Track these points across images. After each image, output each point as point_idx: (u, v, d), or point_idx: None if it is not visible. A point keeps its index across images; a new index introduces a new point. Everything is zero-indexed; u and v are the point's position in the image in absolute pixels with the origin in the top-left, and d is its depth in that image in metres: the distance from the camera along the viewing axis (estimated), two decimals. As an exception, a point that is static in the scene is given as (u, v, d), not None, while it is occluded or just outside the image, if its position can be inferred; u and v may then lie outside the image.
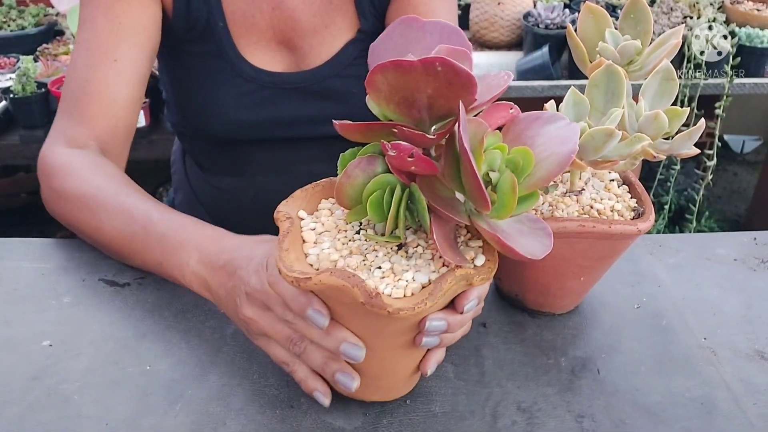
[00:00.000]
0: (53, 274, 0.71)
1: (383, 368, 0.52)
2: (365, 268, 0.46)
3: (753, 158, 2.79)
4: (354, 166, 0.46)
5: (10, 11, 2.01)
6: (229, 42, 0.81)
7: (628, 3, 0.60)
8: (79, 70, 0.74)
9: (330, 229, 0.50)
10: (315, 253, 0.47)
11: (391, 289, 0.44)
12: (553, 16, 1.83)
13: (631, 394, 0.57)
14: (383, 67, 0.40)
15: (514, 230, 0.45)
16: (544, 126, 0.44)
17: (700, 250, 0.76)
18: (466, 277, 0.45)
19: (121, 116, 0.75)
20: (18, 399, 0.55)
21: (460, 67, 0.40)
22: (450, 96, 0.41)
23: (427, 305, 0.43)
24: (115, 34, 0.73)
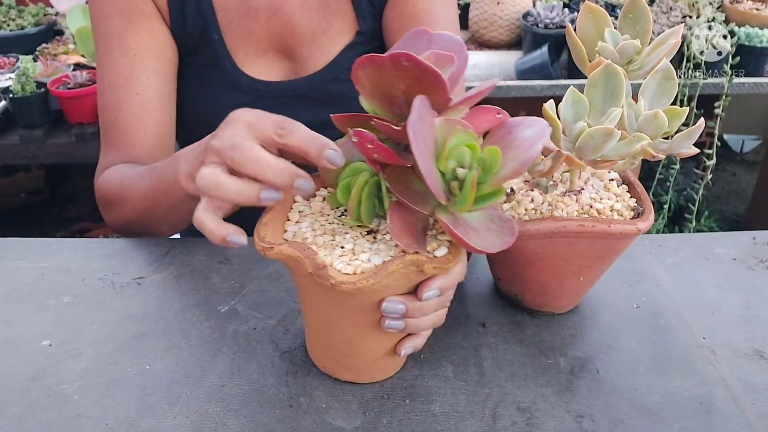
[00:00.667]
0: (53, 273, 0.71)
1: (351, 347, 0.54)
2: (330, 246, 0.49)
3: (752, 158, 2.79)
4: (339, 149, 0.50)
5: (10, 11, 2.01)
6: (225, 54, 0.81)
7: (627, 2, 0.60)
8: (108, 107, 0.80)
9: (315, 212, 0.53)
10: (292, 231, 0.51)
11: (344, 265, 0.47)
12: (553, 16, 1.83)
13: (630, 394, 0.57)
14: (361, 62, 0.44)
15: (480, 226, 0.47)
16: (523, 131, 0.45)
17: (699, 250, 0.76)
18: (416, 263, 0.47)
19: (155, 140, 0.80)
20: (18, 399, 0.55)
21: (425, 64, 0.42)
22: (421, 92, 0.43)
23: (369, 282, 0.45)
24: (132, 66, 0.78)
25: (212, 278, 0.69)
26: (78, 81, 1.59)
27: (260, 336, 0.62)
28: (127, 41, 0.77)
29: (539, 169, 0.56)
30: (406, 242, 0.46)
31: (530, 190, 0.61)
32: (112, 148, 0.80)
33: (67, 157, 1.62)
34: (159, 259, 0.73)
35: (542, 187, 0.61)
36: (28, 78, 1.57)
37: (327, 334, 0.55)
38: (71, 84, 1.59)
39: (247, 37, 0.81)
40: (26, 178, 2.35)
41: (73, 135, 1.60)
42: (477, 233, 0.46)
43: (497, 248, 0.45)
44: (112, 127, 0.79)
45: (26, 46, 1.85)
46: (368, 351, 0.55)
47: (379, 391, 0.56)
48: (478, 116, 0.47)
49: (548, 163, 0.56)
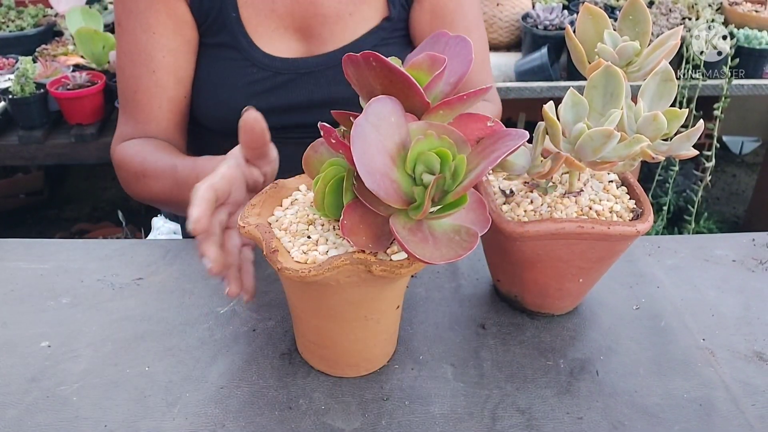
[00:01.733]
0: (52, 274, 0.71)
1: (318, 336, 0.56)
2: (300, 235, 0.51)
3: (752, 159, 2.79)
4: (320, 143, 0.52)
5: (9, 12, 2.01)
6: (242, 31, 0.82)
7: (626, 4, 0.60)
8: (127, 82, 0.82)
9: (306, 201, 0.55)
10: (278, 215, 0.54)
11: (300, 254, 0.49)
12: (552, 17, 1.83)
13: (630, 396, 0.57)
14: (345, 60, 0.47)
15: (442, 236, 0.46)
16: (507, 143, 0.45)
17: (699, 252, 0.76)
18: (363, 262, 0.48)
19: (170, 116, 0.83)
20: (16, 401, 0.55)
21: (392, 65, 0.43)
22: (399, 94, 0.44)
23: (311, 273, 0.47)
24: (151, 44, 0.80)
25: (211, 279, 0.69)
26: (77, 82, 1.59)
27: (259, 337, 0.62)
28: (149, 19, 0.79)
29: (539, 171, 0.56)
30: (359, 241, 0.47)
31: (530, 191, 0.61)
32: (130, 120, 0.83)
33: (67, 158, 1.62)
34: (158, 260, 0.73)
35: (542, 189, 0.61)
36: (28, 79, 1.57)
37: (298, 320, 0.58)
38: (70, 85, 1.59)
39: (268, 13, 0.82)
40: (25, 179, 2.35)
41: (73, 136, 1.59)
42: (434, 242, 0.46)
43: (443, 260, 0.45)
44: (130, 101, 0.82)
45: (26, 47, 1.85)
46: (333, 342, 0.56)
47: (378, 393, 0.56)
48: (468, 124, 0.47)
49: (548, 165, 0.56)
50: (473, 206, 0.48)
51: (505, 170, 0.58)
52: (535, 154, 0.56)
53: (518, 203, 0.60)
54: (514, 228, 0.56)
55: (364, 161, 0.42)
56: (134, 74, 0.81)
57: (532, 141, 0.58)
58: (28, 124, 1.60)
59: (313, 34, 0.84)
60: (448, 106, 0.47)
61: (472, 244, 0.46)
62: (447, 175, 0.44)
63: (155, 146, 0.79)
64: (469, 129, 0.47)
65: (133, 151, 0.79)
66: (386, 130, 0.44)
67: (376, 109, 0.44)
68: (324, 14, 0.82)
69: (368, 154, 0.42)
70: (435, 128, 0.45)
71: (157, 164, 0.75)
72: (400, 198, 0.44)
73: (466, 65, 0.48)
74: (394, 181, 0.44)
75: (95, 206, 2.42)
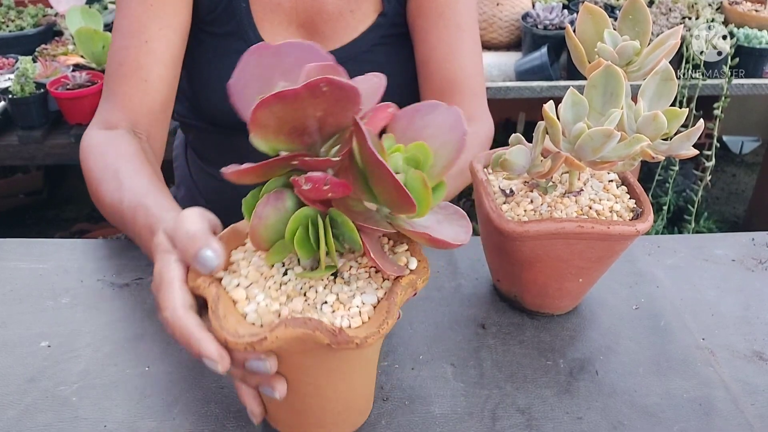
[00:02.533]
0: (51, 274, 0.70)
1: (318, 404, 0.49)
2: (311, 308, 0.44)
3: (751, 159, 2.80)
4: (264, 205, 0.43)
5: (9, 12, 2.01)
6: (250, 23, 0.81)
7: (626, 4, 0.60)
8: (114, 55, 0.77)
9: (256, 279, 0.46)
10: (252, 310, 0.43)
11: (348, 319, 0.43)
12: (552, 17, 1.83)
13: (630, 395, 0.57)
14: (266, 102, 0.38)
15: (435, 222, 0.45)
16: (425, 117, 0.43)
17: (699, 251, 0.76)
18: (411, 284, 0.45)
19: (155, 96, 0.77)
20: (15, 401, 0.55)
21: (345, 83, 0.39)
22: (338, 113, 0.40)
23: (389, 323, 0.42)
24: (146, 15, 0.76)
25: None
26: (77, 82, 1.59)
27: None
28: None
29: (539, 171, 0.56)
30: (390, 267, 0.44)
31: (529, 191, 0.61)
32: (109, 100, 0.77)
33: (66, 158, 1.62)
34: (158, 260, 0.73)
35: (541, 188, 0.60)
36: (28, 79, 1.57)
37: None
38: (70, 85, 1.59)
39: (275, 8, 0.82)
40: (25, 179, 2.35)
41: (72, 136, 1.59)
42: (442, 229, 0.45)
43: (467, 238, 0.44)
44: (113, 75, 0.76)
45: (25, 46, 1.85)
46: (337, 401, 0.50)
47: (378, 393, 0.56)
48: (374, 117, 0.44)
49: (548, 164, 0.56)
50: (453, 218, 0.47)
51: (505, 170, 0.58)
52: (535, 154, 0.56)
53: (518, 203, 0.60)
54: (514, 228, 0.56)
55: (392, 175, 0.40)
56: (123, 45, 0.76)
57: (531, 140, 0.58)
58: (28, 124, 1.60)
59: (316, 31, 0.84)
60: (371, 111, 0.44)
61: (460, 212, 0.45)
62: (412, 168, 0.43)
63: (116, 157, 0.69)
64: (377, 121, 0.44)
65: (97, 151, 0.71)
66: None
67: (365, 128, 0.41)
68: (327, 11, 0.82)
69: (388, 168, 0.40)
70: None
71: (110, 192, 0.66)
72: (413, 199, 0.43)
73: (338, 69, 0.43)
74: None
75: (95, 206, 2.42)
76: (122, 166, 0.68)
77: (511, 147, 0.58)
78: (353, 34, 0.84)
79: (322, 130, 0.42)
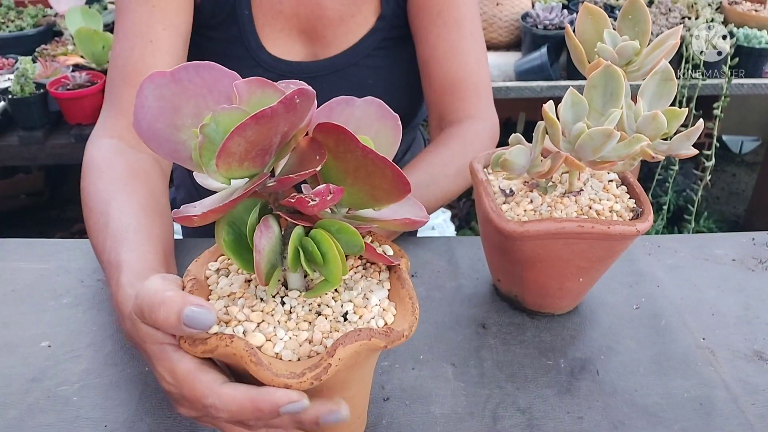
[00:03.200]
0: (52, 275, 0.71)
1: None
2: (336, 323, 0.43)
3: (751, 159, 2.80)
4: (260, 238, 0.40)
5: (9, 12, 2.01)
6: (252, 30, 0.81)
7: (626, 4, 0.60)
8: (117, 58, 0.75)
9: (261, 319, 0.43)
10: (282, 348, 0.41)
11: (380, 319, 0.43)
12: (552, 17, 1.83)
13: (630, 395, 0.57)
14: (242, 128, 0.35)
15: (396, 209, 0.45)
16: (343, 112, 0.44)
17: (699, 251, 0.76)
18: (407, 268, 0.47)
19: None
20: (17, 401, 0.55)
21: (312, 92, 0.37)
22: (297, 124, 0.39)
23: (417, 309, 0.44)
24: (149, 16, 0.75)
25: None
26: (77, 82, 1.59)
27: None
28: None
29: (538, 170, 0.56)
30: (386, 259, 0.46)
31: (529, 191, 0.61)
32: (113, 108, 0.74)
33: (67, 158, 1.62)
34: (158, 261, 0.73)
35: (541, 188, 0.61)
36: (28, 79, 1.57)
37: None
38: (70, 85, 1.59)
39: (276, 14, 0.82)
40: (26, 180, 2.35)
41: (73, 136, 1.60)
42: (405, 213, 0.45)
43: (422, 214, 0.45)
44: (117, 78, 0.75)
45: (25, 47, 1.85)
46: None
47: (379, 393, 0.56)
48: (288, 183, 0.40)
49: (548, 164, 0.56)
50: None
51: (505, 170, 0.58)
52: (535, 154, 0.56)
53: (518, 203, 0.60)
54: (514, 228, 0.56)
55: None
56: (126, 47, 0.74)
57: (531, 140, 0.58)
58: (29, 125, 1.60)
59: (318, 36, 0.83)
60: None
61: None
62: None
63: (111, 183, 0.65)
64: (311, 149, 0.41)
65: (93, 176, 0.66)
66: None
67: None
68: (328, 16, 0.82)
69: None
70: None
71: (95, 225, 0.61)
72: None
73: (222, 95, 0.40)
74: None
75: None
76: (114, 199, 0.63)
77: (511, 147, 0.58)
78: (354, 38, 0.83)
79: (279, 145, 0.39)
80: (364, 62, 0.84)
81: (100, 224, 0.60)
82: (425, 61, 0.83)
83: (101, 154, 0.70)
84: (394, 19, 0.84)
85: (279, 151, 0.40)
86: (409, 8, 0.84)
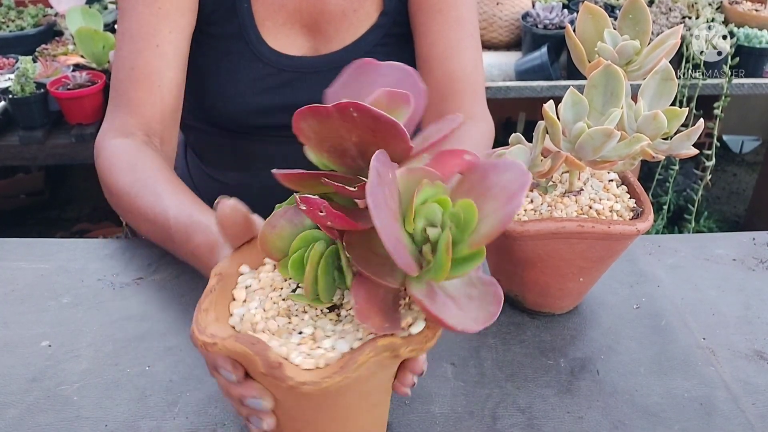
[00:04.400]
0: (52, 274, 0.71)
1: None
2: (286, 332, 0.42)
3: (752, 159, 2.79)
4: (279, 216, 0.42)
5: (9, 12, 2.01)
6: (252, 24, 0.81)
7: (626, 3, 0.60)
8: (124, 59, 0.75)
9: (265, 286, 0.45)
10: (240, 314, 0.43)
11: (303, 357, 0.39)
12: (552, 17, 1.83)
13: (630, 395, 0.57)
14: (302, 113, 0.37)
15: (459, 294, 0.40)
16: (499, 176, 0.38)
17: (699, 251, 0.76)
18: (390, 348, 0.39)
19: (168, 100, 0.76)
20: (17, 401, 0.55)
21: (378, 113, 0.36)
22: (380, 143, 0.37)
23: (335, 379, 0.37)
24: (155, 18, 0.75)
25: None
26: (77, 82, 1.59)
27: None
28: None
29: (539, 170, 0.56)
30: (376, 323, 0.39)
31: (530, 190, 0.61)
32: (121, 107, 0.75)
33: (67, 158, 1.62)
34: (158, 260, 0.73)
35: (542, 188, 0.61)
36: (28, 79, 1.57)
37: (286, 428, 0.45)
38: (71, 85, 1.59)
39: (278, 8, 0.82)
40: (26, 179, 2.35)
41: (73, 136, 1.60)
42: (457, 304, 0.39)
43: (480, 325, 0.38)
44: (124, 81, 0.75)
45: (26, 46, 1.85)
46: None
47: (378, 392, 0.56)
48: (445, 161, 0.40)
49: (548, 164, 0.56)
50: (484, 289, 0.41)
51: (505, 169, 0.58)
52: (535, 154, 0.56)
53: (518, 202, 0.60)
54: (514, 227, 0.56)
55: (390, 233, 0.35)
56: (133, 50, 0.75)
57: (531, 140, 0.58)
58: (29, 124, 1.60)
59: (320, 31, 0.83)
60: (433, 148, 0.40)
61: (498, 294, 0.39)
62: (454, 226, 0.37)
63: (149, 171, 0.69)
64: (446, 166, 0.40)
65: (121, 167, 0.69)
66: (391, 189, 0.37)
67: (383, 168, 0.36)
68: (330, 11, 0.82)
69: (389, 223, 0.35)
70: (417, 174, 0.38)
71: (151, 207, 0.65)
72: (415, 263, 0.37)
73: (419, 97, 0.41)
74: (405, 245, 0.37)
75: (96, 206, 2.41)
76: (159, 182, 0.67)
77: (511, 146, 0.58)
78: (356, 34, 0.84)
79: (364, 158, 0.39)
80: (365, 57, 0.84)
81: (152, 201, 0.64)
82: (424, 58, 0.83)
83: (123, 147, 0.71)
84: (397, 15, 0.84)
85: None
86: (410, 4, 0.84)
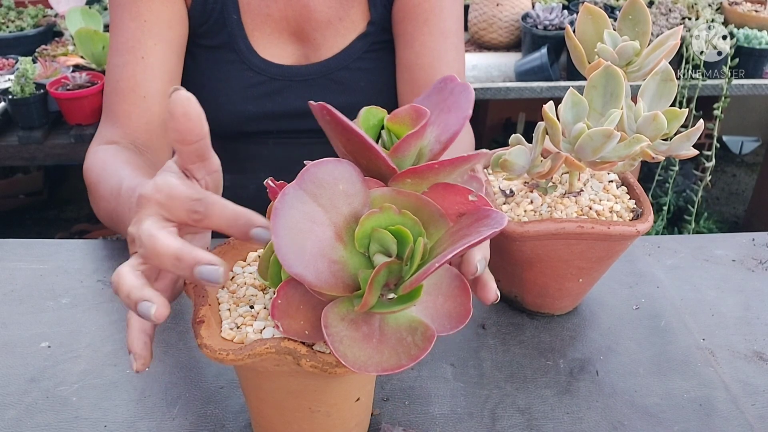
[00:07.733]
0: (51, 275, 0.71)
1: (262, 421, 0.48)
2: (246, 303, 0.44)
3: (751, 159, 2.80)
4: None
5: (9, 12, 2.01)
6: (241, 34, 0.82)
7: (626, 4, 0.60)
8: (112, 73, 0.77)
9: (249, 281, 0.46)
10: (235, 272, 0.46)
11: (231, 328, 0.42)
12: (552, 17, 1.83)
13: (630, 396, 0.57)
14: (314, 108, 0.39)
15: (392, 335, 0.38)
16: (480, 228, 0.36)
17: (699, 251, 0.76)
18: (291, 353, 0.38)
19: (154, 111, 0.76)
20: (16, 401, 0.55)
21: (344, 123, 0.35)
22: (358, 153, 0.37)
23: (228, 356, 0.39)
24: (140, 31, 0.76)
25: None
26: (77, 82, 1.59)
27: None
28: (139, 8, 0.76)
29: (539, 171, 0.56)
30: (294, 326, 0.38)
31: (529, 191, 0.61)
32: (109, 119, 0.76)
33: (66, 158, 1.62)
34: (158, 261, 0.73)
35: (541, 189, 0.61)
36: (27, 79, 1.57)
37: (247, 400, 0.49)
38: (70, 85, 1.59)
39: (265, 18, 0.82)
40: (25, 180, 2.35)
41: (72, 136, 1.60)
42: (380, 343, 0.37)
43: (379, 370, 0.36)
44: (111, 94, 0.76)
45: (25, 47, 1.85)
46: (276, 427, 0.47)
47: (378, 393, 0.56)
48: (447, 196, 0.38)
49: (548, 165, 0.56)
50: (453, 292, 0.39)
51: (505, 170, 0.58)
52: (535, 154, 0.56)
53: (518, 203, 0.60)
54: (514, 228, 0.56)
55: (288, 240, 0.34)
56: (119, 63, 0.76)
57: (531, 141, 0.58)
58: (28, 125, 1.60)
59: (308, 39, 0.84)
60: (416, 174, 0.38)
61: (421, 352, 0.36)
62: (405, 259, 0.36)
63: (119, 159, 0.68)
64: (447, 202, 0.38)
65: (97, 159, 0.70)
66: (329, 200, 0.36)
67: (315, 175, 0.36)
68: (316, 19, 0.82)
69: (295, 230, 0.35)
70: (402, 199, 0.37)
71: (108, 182, 0.65)
72: (340, 283, 0.36)
73: (460, 121, 0.40)
74: (335, 261, 0.36)
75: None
76: (124, 168, 0.65)
77: (511, 147, 0.58)
78: (344, 42, 0.84)
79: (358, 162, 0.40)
80: (356, 65, 0.84)
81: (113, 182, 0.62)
82: (407, 67, 0.83)
83: (101, 152, 0.72)
84: (384, 23, 0.84)
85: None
86: (395, 13, 0.83)
